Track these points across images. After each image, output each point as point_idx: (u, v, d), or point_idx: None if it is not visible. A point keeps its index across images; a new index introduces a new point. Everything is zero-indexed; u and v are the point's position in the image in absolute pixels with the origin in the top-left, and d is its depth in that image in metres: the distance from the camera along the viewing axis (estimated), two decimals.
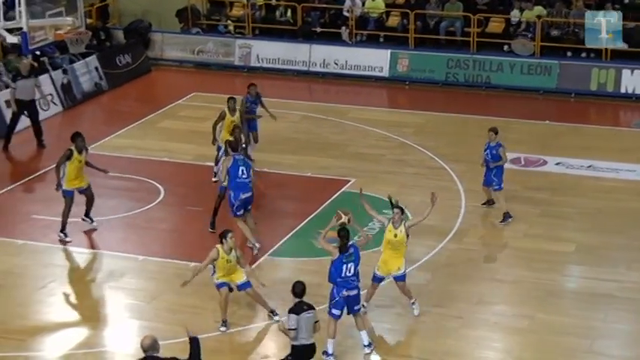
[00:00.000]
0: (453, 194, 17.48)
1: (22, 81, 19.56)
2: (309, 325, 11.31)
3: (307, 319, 11.28)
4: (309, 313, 11.31)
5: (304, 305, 11.36)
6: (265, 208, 17.03)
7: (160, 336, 12.90)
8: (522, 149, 19.44)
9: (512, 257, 15.32)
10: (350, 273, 12.30)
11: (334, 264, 12.36)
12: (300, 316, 11.24)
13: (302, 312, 11.27)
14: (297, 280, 11.70)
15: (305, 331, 11.27)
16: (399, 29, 25.10)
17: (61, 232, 15.80)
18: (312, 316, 11.34)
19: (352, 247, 12.39)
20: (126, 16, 27.55)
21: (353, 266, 12.31)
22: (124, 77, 24.80)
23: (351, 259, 12.30)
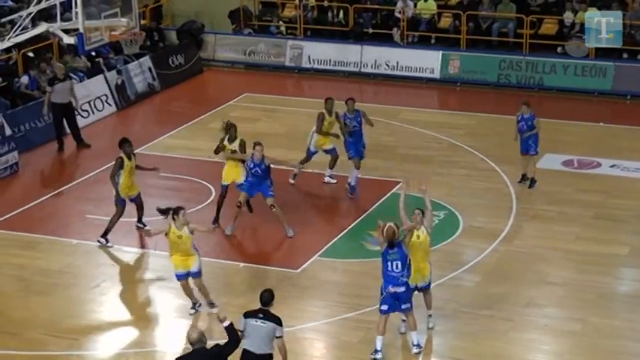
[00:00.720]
0: (504, 196, 17.36)
1: (59, 84, 19.85)
2: (259, 334, 10.76)
3: (253, 327, 10.78)
4: (261, 323, 10.77)
5: (260, 313, 10.84)
6: (315, 209, 17.07)
7: (208, 336, 13.06)
8: (576, 151, 19.24)
9: (563, 260, 15.16)
10: (397, 269, 12.21)
11: (382, 256, 12.31)
12: (248, 320, 10.81)
13: (252, 317, 10.81)
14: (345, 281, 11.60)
15: (252, 337, 10.76)
16: (451, 30, 24.99)
17: (103, 237, 15.77)
18: (267, 328, 10.76)
19: (398, 244, 12.25)
20: (179, 17, 27.80)
21: (400, 263, 12.21)
22: (177, 78, 25.03)
23: (395, 256, 12.20)
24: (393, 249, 12.21)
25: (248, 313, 10.93)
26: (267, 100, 23.29)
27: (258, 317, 10.83)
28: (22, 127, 20.28)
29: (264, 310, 10.92)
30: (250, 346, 10.81)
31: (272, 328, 10.81)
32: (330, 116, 17.62)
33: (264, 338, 10.79)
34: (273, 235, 16.15)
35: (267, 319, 10.81)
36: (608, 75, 22.97)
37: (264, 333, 10.78)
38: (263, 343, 10.80)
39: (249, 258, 15.50)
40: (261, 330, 10.78)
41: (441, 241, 15.68)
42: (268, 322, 10.80)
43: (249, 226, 16.51)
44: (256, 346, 10.79)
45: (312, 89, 24.82)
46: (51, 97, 19.78)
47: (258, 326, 10.79)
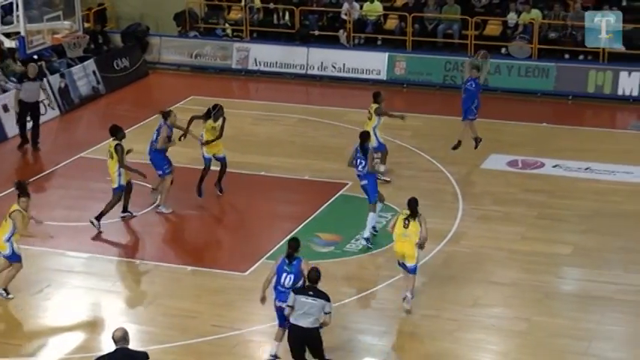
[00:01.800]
0: (450, 197, 17.49)
1: (27, 83, 19.72)
2: (309, 309, 11.40)
3: (304, 304, 11.40)
4: (311, 300, 11.39)
5: (310, 290, 11.51)
6: (262, 212, 17.03)
7: (156, 340, 13.03)
8: (520, 152, 19.45)
9: (509, 260, 15.31)
10: (289, 285, 11.96)
11: (277, 268, 12.12)
12: (298, 296, 11.45)
13: (302, 294, 11.45)
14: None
15: (298, 311, 11.42)
16: (397, 32, 25.12)
17: (96, 219, 16.06)
18: (317, 304, 11.40)
19: (297, 260, 12.05)
20: (123, 19, 27.56)
21: (292, 277, 11.96)
22: (122, 81, 24.81)
23: (290, 270, 12.02)
24: (290, 262, 12.05)
25: (298, 290, 11.56)
26: (214, 102, 23.13)
27: (308, 295, 11.44)
28: None
29: (314, 288, 11.52)
30: (297, 321, 11.49)
31: (322, 305, 11.44)
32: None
33: (313, 314, 11.41)
34: (222, 238, 16.11)
35: (317, 297, 11.44)
36: (550, 76, 23.28)
37: (314, 309, 11.39)
38: (312, 318, 11.43)
39: (197, 261, 15.41)
40: (311, 305, 11.40)
41: (388, 242, 15.71)
42: (318, 300, 11.43)
43: (197, 229, 16.43)
44: (304, 321, 11.44)
45: (258, 91, 24.80)
46: (19, 94, 19.66)
47: (309, 303, 11.40)
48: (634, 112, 22.39)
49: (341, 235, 15.93)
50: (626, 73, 22.68)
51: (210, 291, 14.38)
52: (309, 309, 11.43)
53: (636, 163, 18.79)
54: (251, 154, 19.39)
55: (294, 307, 11.46)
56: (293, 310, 11.48)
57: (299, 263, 12.07)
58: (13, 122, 20.56)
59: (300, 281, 11.99)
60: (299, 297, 11.46)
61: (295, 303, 11.45)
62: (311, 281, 11.61)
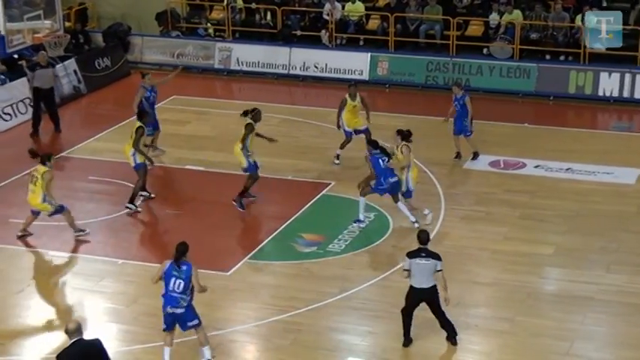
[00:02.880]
0: (432, 197, 17.51)
1: (40, 70, 20.31)
2: (423, 270, 12.26)
3: (418, 265, 12.26)
4: (424, 260, 12.25)
5: (422, 252, 12.32)
6: (245, 211, 17.00)
7: (138, 340, 12.99)
8: (501, 152, 19.52)
9: (491, 260, 15.36)
10: (179, 290, 11.93)
11: (165, 273, 12.01)
12: (412, 260, 12.26)
13: (416, 257, 12.28)
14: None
15: (418, 275, 12.29)
16: (379, 32, 25.15)
17: (131, 204, 16.77)
18: (429, 264, 12.23)
19: (186, 265, 11.99)
20: (105, 19, 27.45)
21: (182, 283, 11.91)
22: (103, 80, 24.70)
23: (180, 275, 11.95)
24: (179, 267, 11.97)
25: (411, 253, 12.39)
26: (197, 102, 23.16)
27: (421, 256, 12.30)
28: None
29: (425, 249, 12.38)
30: (420, 284, 12.36)
31: (434, 264, 12.32)
32: (353, 100, 18.75)
33: (429, 273, 12.29)
34: (204, 238, 16.05)
35: (429, 257, 12.31)
36: (531, 76, 23.37)
37: (428, 269, 12.28)
38: (429, 278, 12.31)
39: None
40: (425, 267, 12.27)
41: (371, 242, 15.78)
42: (431, 259, 12.30)
43: (178, 229, 16.38)
44: (425, 282, 12.33)
45: (241, 91, 24.77)
46: (33, 82, 20.25)
47: (423, 264, 12.26)
48: (614, 113, 22.53)
49: (324, 235, 15.93)
50: (607, 74, 22.78)
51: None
52: (424, 269, 12.25)
53: (617, 163, 18.89)
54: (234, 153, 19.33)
55: (411, 270, 12.27)
56: (410, 273, 12.30)
57: (189, 269, 11.94)
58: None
59: (190, 285, 11.88)
60: (414, 260, 12.28)
61: (411, 266, 12.25)
62: (422, 243, 12.42)
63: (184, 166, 19.08)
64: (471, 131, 18.94)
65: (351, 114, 19.02)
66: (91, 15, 27.46)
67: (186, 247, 12.12)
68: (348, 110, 18.94)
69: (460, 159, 19.01)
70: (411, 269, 12.36)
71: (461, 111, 18.80)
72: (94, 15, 27.55)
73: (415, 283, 12.42)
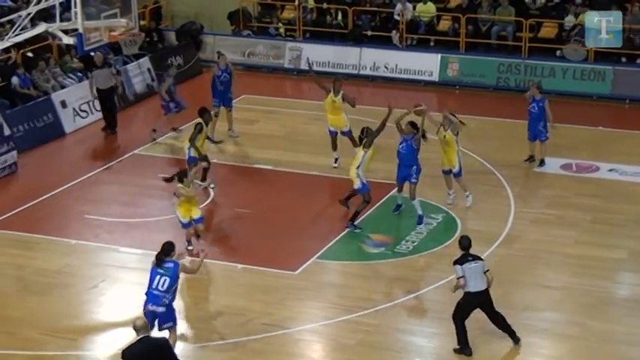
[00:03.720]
0: (502, 199, 17.36)
1: (97, 71, 20.84)
2: (476, 273, 12.21)
3: (471, 269, 12.21)
4: (474, 263, 12.23)
5: (469, 256, 12.30)
6: (314, 212, 17.06)
7: (206, 338, 13.13)
8: (574, 155, 19.25)
9: (562, 264, 15.16)
10: (162, 288, 11.99)
11: (151, 271, 12.16)
12: (464, 266, 12.20)
13: (466, 262, 12.21)
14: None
15: (473, 279, 12.20)
16: (450, 33, 24.99)
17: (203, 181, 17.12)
18: (479, 266, 12.24)
19: (172, 263, 12.12)
20: (178, 17, 27.80)
21: (167, 280, 12.00)
22: (176, 78, 24.86)
23: (166, 273, 12.05)
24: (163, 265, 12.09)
25: (458, 260, 12.33)
26: (266, 101, 23.29)
27: (469, 260, 12.29)
28: (20, 127, 20.27)
29: (469, 253, 12.40)
30: (476, 287, 12.28)
31: (482, 265, 12.33)
32: (335, 95, 18.59)
33: (481, 274, 12.29)
34: (272, 237, 16.15)
35: (477, 259, 12.35)
36: (607, 79, 22.98)
37: (480, 270, 12.29)
38: (483, 279, 12.31)
39: (248, 259, 15.48)
40: (477, 269, 12.27)
41: (438, 245, 15.70)
42: (479, 261, 12.34)
43: (249, 227, 16.51)
44: (480, 284, 12.28)
45: (310, 91, 24.77)
46: (94, 82, 20.89)
47: (475, 267, 12.26)
48: None
49: (392, 237, 15.91)
50: None
51: (261, 289, 14.45)
52: (477, 272, 12.23)
53: None
54: (303, 153, 19.44)
55: (466, 276, 12.18)
56: (465, 279, 12.20)
57: (177, 267, 12.07)
58: (70, 118, 21.00)
59: (175, 285, 11.96)
60: (466, 265, 12.23)
61: (465, 272, 12.19)
62: (465, 249, 12.44)
63: (253, 164, 19.21)
64: (547, 136, 18.58)
65: (332, 110, 18.63)
66: (165, 13, 27.83)
67: (171, 246, 12.26)
68: (328, 104, 18.65)
69: (532, 162, 18.76)
70: (465, 275, 12.25)
71: (538, 114, 18.46)
72: (168, 13, 27.92)
73: (472, 288, 12.31)
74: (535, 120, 18.55)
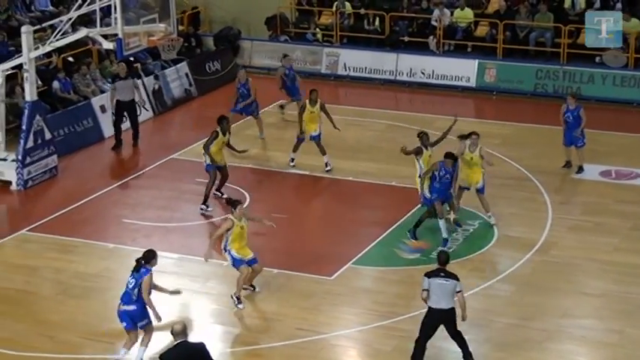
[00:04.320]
0: (539, 206, 17.26)
1: (120, 82, 20.41)
2: (443, 291, 11.91)
3: (438, 285, 11.91)
4: (444, 280, 11.91)
5: (441, 272, 12.01)
6: (349, 217, 17.06)
7: (241, 342, 13.18)
8: (614, 162, 19.09)
9: (600, 271, 15.03)
10: (130, 286, 12.53)
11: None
12: (432, 279, 11.93)
13: (435, 277, 11.94)
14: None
15: (435, 294, 11.93)
16: (488, 39, 24.90)
17: (203, 204, 17.07)
18: (450, 284, 11.92)
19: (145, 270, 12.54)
20: (216, 23, 27.96)
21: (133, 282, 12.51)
22: (213, 84, 25.16)
23: (135, 277, 12.53)
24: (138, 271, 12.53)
25: (430, 273, 12.05)
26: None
27: (440, 276, 11.95)
28: (61, 131, 20.50)
29: (444, 270, 12.07)
30: (437, 304, 11.98)
31: (454, 285, 11.97)
32: (312, 106, 18.89)
33: (449, 294, 11.93)
34: (308, 242, 16.18)
35: (449, 277, 11.97)
36: None
37: (448, 289, 11.91)
38: (449, 298, 11.94)
39: (283, 264, 15.51)
40: (445, 287, 11.91)
41: (475, 251, 15.64)
42: (450, 280, 11.96)
43: (284, 232, 16.55)
44: (444, 303, 11.96)
45: (347, 97, 24.84)
46: (115, 94, 20.44)
47: (442, 284, 11.91)
48: None
49: (428, 242, 15.84)
50: None
51: (296, 294, 14.47)
52: (444, 290, 11.91)
53: None
54: (339, 158, 19.45)
55: (430, 289, 11.92)
56: (429, 293, 11.94)
57: (147, 273, 12.49)
58: (109, 122, 21.11)
59: (137, 289, 12.43)
60: (433, 280, 11.95)
61: (430, 286, 11.92)
62: (441, 264, 12.16)
63: (289, 170, 19.26)
64: (584, 142, 18.46)
65: (310, 120, 18.92)
66: (203, 19, 28.01)
67: (151, 254, 12.68)
68: (307, 116, 18.90)
69: (569, 168, 18.64)
70: (430, 289, 11.98)
71: (573, 123, 18.34)
72: (206, 19, 28.09)
73: (433, 304, 12.02)
74: (570, 128, 18.41)
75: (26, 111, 18.74)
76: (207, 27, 27.96)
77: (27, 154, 18.63)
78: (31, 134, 18.68)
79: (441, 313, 12.03)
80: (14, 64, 18.96)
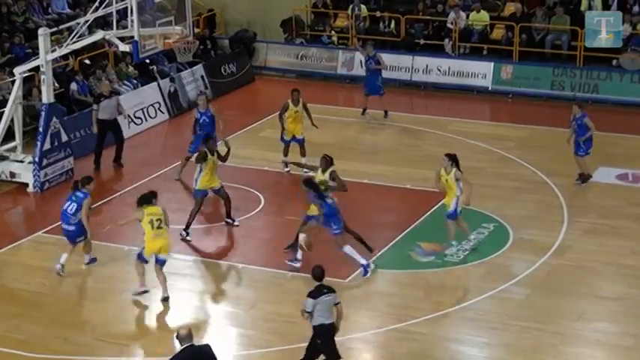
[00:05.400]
0: (554, 209, 17.19)
1: (105, 101, 19.70)
2: (327, 306, 11.70)
3: (325, 302, 11.68)
4: (327, 296, 11.69)
5: (324, 289, 11.75)
6: (364, 220, 17.04)
7: (255, 344, 13.18)
8: (631, 165, 19.01)
9: (616, 274, 14.95)
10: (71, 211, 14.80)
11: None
12: (319, 299, 11.65)
13: (321, 295, 11.67)
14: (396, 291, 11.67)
15: (322, 312, 11.68)
16: (504, 42, 24.84)
17: (184, 231, 16.30)
18: (331, 299, 11.70)
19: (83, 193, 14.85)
20: (232, 25, 28.03)
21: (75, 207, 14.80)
22: (229, 86, 25.21)
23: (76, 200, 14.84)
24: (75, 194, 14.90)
25: (313, 292, 11.72)
26: (318, 109, 23.31)
27: (324, 293, 11.71)
28: (77, 134, 20.57)
29: (324, 285, 11.83)
30: (327, 319, 11.73)
31: (334, 297, 11.76)
32: (295, 106, 18.79)
33: (331, 308, 11.77)
34: (322, 245, 16.15)
35: (330, 292, 11.75)
36: None
37: (330, 303, 11.75)
38: (330, 313, 11.76)
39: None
40: (329, 302, 11.72)
41: (490, 254, 15.59)
42: (332, 294, 11.74)
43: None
44: (328, 318, 11.74)
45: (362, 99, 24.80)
46: (97, 114, 19.64)
47: (327, 300, 11.70)
48: None
49: (442, 245, 15.82)
50: None
51: None
52: (328, 305, 11.75)
53: None
54: (355, 161, 19.45)
55: (316, 309, 11.65)
56: (312, 314, 11.68)
57: (86, 196, 14.74)
58: (125, 125, 20.86)
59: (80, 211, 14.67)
60: (321, 298, 11.68)
61: (318, 305, 11.66)
62: (319, 279, 11.91)
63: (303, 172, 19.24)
64: (586, 152, 17.93)
65: (293, 120, 18.92)
66: (219, 21, 28.07)
67: (87, 178, 15.07)
68: (290, 116, 18.86)
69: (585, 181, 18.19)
70: (314, 310, 11.64)
71: (578, 131, 17.89)
72: (222, 21, 28.15)
73: (317, 322, 11.74)
74: (578, 135, 17.94)
75: (43, 113, 18.83)
76: (223, 29, 28.02)
77: (44, 157, 18.72)
78: (47, 136, 18.77)
79: (327, 328, 11.75)
80: (31, 66, 19.04)
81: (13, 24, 23.36)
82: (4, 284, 15.20)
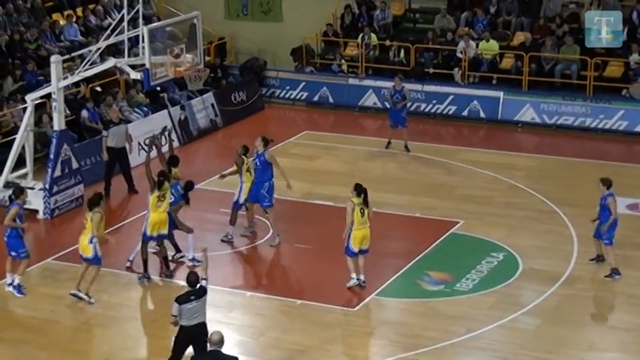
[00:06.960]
0: (564, 239, 17.15)
1: (114, 128, 19.73)
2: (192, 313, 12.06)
3: (189, 310, 12.03)
4: (194, 303, 12.04)
5: (191, 295, 12.07)
6: (373, 248, 16.99)
7: None
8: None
9: (627, 304, 14.88)
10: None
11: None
12: (182, 306, 12.00)
13: (186, 302, 12.01)
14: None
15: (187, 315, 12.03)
16: (513, 71, 24.89)
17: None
18: (198, 304, 12.06)
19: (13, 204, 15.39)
20: (242, 54, 28.16)
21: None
22: (239, 114, 25.29)
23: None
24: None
25: (180, 298, 12.05)
26: (328, 137, 23.39)
27: (190, 300, 12.05)
28: (87, 161, 20.62)
29: (193, 292, 12.13)
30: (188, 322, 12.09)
31: (204, 301, 12.17)
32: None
33: (201, 310, 12.17)
34: (331, 273, 16.14)
35: (198, 298, 12.10)
36: None
37: (200, 307, 12.13)
38: (202, 315, 12.17)
39: (307, 295, 15.48)
40: (196, 308, 12.08)
41: (499, 283, 15.54)
42: (200, 299, 12.10)
43: (307, 263, 16.53)
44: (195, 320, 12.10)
45: (373, 127, 24.87)
46: (107, 140, 19.68)
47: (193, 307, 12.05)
48: None
49: (452, 274, 15.79)
50: None
51: (319, 325, 14.42)
52: (195, 310, 12.04)
53: None
54: None
55: (180, 314, 11.99)
56: (178, 318, 12.03)
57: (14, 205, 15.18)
58: (135, 151, 20.92)
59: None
60: (184, 306, 12.00)
61: (182, 312, 11.98)
62: (192, 285, 12.15)
63: (313, 200, 19.27)
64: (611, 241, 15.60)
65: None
66: (229, 49, 28.21)
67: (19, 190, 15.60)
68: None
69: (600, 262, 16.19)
70: (180, 314, 12.04)
71: (601, 215, 15.78)
72: (232, 50, 28.30)
73: (185, 323, 12.12)
74: (602, 220, 15.80)
75: (54, 140, 18.91)
76: (234, 58, 28.15)
77: (54, 183, 18.78)
78: (58, 163, 18.83)
79: (193, 329, 12.10)
80: (43, 93, 19.14)
81: (25, 51, 23.53)
82: (13, 311, 15.20)
